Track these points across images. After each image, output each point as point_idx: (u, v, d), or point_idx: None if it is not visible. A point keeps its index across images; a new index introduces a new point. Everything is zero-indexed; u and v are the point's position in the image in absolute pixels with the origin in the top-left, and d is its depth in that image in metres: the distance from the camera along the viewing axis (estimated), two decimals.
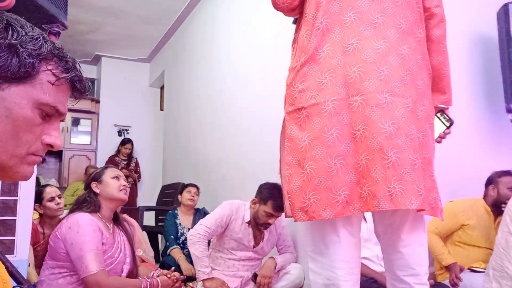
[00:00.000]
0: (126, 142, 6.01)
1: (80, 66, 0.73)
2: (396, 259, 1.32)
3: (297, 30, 1.43)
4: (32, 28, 0.67)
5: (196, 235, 2.48)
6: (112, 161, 5.83)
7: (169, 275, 1.91)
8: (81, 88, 0.73)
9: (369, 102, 1.22)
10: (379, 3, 1.28)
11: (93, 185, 1.89)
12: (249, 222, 2.57)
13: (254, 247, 2.62)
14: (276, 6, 1.44)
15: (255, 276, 2.56)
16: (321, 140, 1.25)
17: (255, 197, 2.57)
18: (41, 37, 0.67)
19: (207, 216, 2.61)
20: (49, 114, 0.71)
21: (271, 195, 2.45)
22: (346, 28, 1.27)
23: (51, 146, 0.73)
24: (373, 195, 1.19)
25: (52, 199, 2.63)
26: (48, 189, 2.68)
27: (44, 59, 0.67)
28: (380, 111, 1.21)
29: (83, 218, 1.76)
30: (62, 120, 0.76)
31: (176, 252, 3.12)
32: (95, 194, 1.88)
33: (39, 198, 2.62)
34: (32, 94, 0.66)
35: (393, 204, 1.16)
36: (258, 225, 2.55)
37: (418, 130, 1.26)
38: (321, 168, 1.24)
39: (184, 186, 3.52)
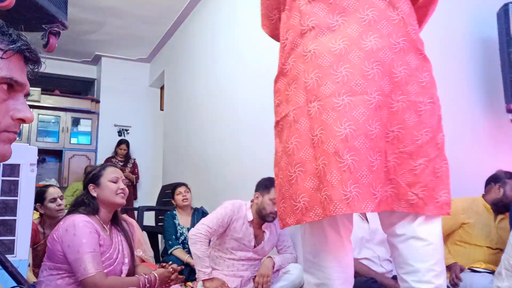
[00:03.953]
0: (121, 143, 6.00)
1: (26, 37, 0.74)
2: (395, 257, 1.31)
3: None
4: None
5: (197, 235, 2.48)
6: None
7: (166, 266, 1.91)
8: (32, 56, 0.74)
9: (326, 107, 1.22)
10: (338, 3, 1.27)
11: (91, 188, 1.87)
12: (251, 222, 2.58)
13: (254, 246, 2.62)
14: (268, 34, 1.62)
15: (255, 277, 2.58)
16: (285, 152, 1.31)
17: (256, 191, 2.59)
18: None
19: (208, 216, 2.61)
20: (12, 87, 0.72)
21: (272, 183, 2.49)
22: (305, 37, 1.30)
23: (23, 120, 0.74)
24: (329, 199, 1.17)
25: (54, 200, 2.64)
26: (50, 190, 2.68)
27: None
28: (335, 114, 1.20)
29: (80, 220, 1.75)
30: (27, 94, 0.77)
31: (180, 252, 3.12)
32: (93, 196, 1.86)
33: (41, 198, 2.63)
34: None
35: (350, 208, 1.15)
36: (265, 218, 2.55)
37: (392, 123, 1.23)
38: (286, 176, 1.29)
39: (173, 189, 3.51)
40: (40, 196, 2.64)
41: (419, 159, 1.22)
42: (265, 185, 2.58)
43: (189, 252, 2.87)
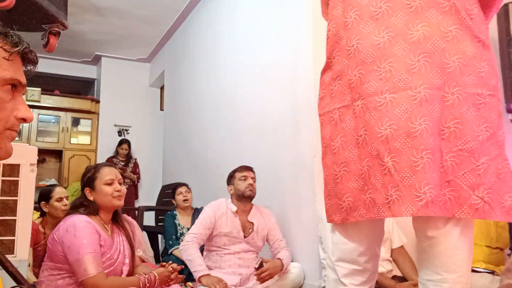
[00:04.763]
0: (122, 142, 6.00)
1: (24, 38, 0.77)
2: (420, 260, 1.25)
3: None
4: None
5: (185, 244, 2.58)
6: (110, 163, 5.82)
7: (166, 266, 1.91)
8: (33, 58, 0.78)
9: (368, 106, 1.18)
10: None
11: (87, 192, 1.87)
12: (236, 212, 2.68)
13: (245, 237, 2.67)
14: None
15: (261, 264, 2.52)
16: (330, 148, 1.30)
17: (228, 186, 2.77)
18: None
19: (193, 225, 2.71)
20: (15, 88, 0.75)
21: (233, 170, 2.78)
22: (348, 30, 1.24)
23: (24, 120, 0.78)
24: (373, 202, 1.16)
25: (60, 199, 2.66)
26: (58, 189, 2.72)
27: None
28: (377, 113, 1.16)
29: (80, 221, 1.75)
30: (23, 93, 0.80)
31: (180, 252, 3.12)
32: (90, 200, 1.86)
33: (47, 196, 2.65)
34: None
35: (391, 213, 1.11)
36: (244, 196, 2.67)
37: (447, 118, 1.13)
38: (332, 174, 1.30)
39: (174, 189, 3.52)
40: (46, 194, 2.66)
41: (482, 158, 1.11)
42: (230, 176, 2.78)
43: None
